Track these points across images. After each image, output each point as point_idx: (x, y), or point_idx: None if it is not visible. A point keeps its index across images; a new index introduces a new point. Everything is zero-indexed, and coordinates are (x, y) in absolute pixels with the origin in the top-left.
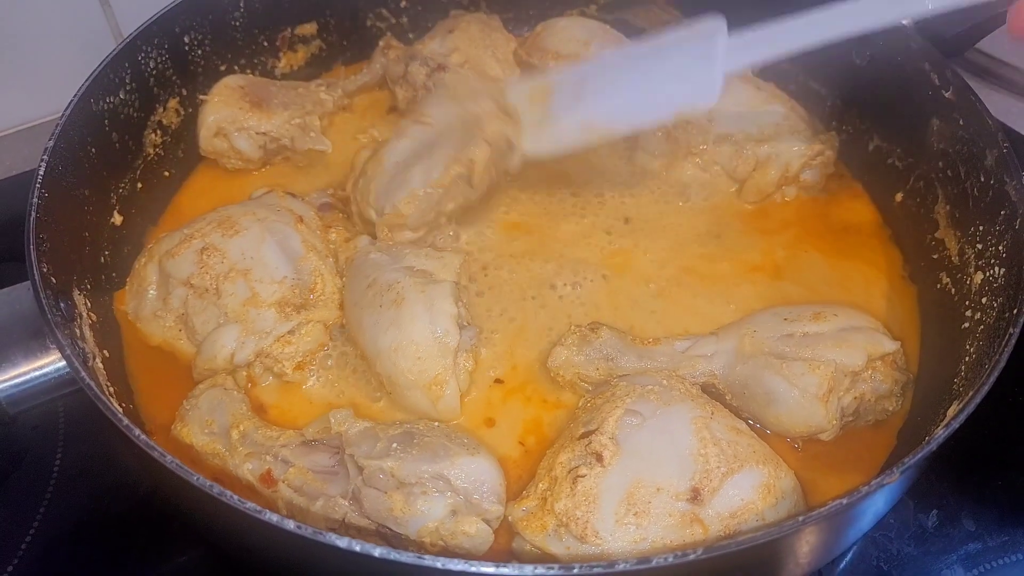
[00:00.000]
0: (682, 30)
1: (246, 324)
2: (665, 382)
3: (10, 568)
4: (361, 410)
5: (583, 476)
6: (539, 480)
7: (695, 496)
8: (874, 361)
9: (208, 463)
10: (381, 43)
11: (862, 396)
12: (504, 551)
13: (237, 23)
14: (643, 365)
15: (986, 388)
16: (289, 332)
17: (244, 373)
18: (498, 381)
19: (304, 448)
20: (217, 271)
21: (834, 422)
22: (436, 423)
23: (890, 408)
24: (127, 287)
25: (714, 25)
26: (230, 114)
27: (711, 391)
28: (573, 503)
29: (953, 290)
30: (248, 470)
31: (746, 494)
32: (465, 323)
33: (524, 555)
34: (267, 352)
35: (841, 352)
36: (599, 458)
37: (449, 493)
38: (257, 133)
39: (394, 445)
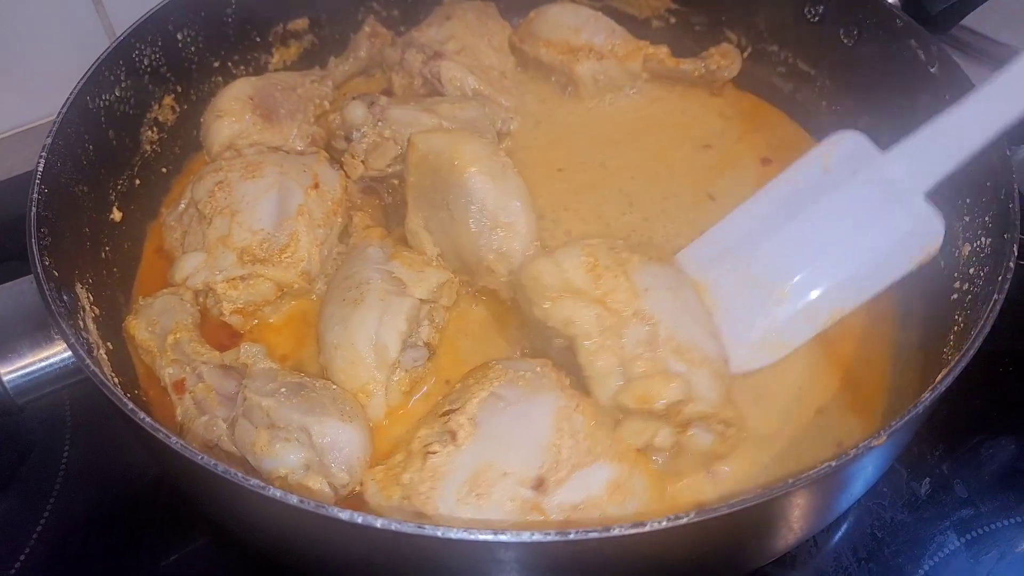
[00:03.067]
0: (816, 162)
1: (211, 257)
2: (539, 369)
3: (22, 557)
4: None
5: (434, 453)
6: (398, 451)
7: (539, 485)
8: None
9: (142, 358)
10: (366, 28)
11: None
12: None
13: (229, 19)
14: None
15: (972, 352)
16: (240, 278)
17: (200, 300)
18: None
19: (219, 370)
20: (219, 204)
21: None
22: (335, 385)
23: None
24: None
25: (853, 144)
26: (241, 129)
27: None
28: (420, 477)
29: (942, 263)
30: (168, 373)
31: (592, 489)
32: (420, 343)
33: None
34: (212, 287)
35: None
36: (453, 437)
37: (307, 447)
38: (268, 148)
39: (282, 389)
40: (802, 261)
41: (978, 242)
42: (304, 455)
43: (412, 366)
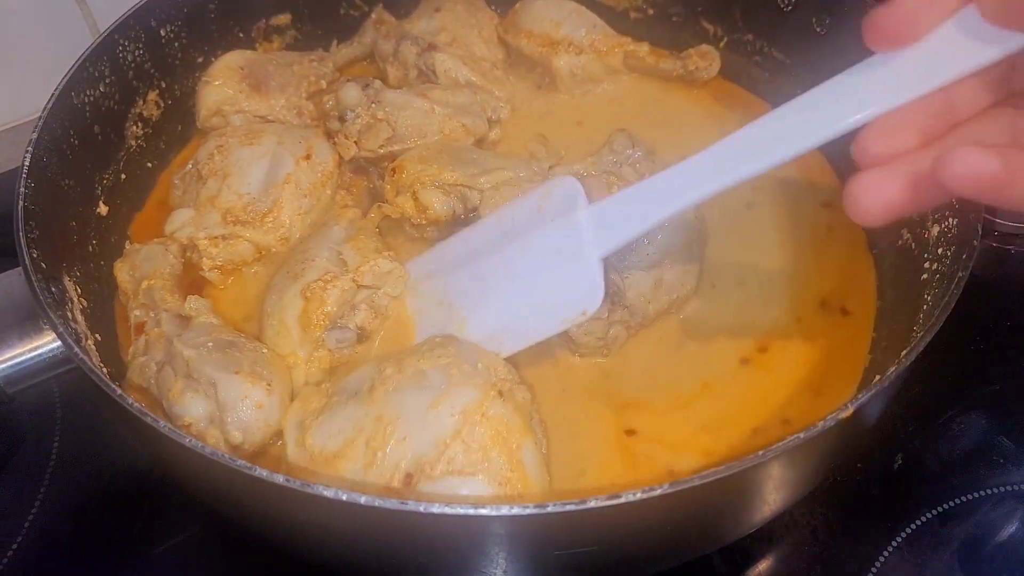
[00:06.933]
0: (534, 200)
1: (199, 214)
2: (480, 366)
3: (14, 546)
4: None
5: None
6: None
7: (407, 479)
8: None
9: (120, 298)
10: (373, 16)
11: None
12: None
13: (212, 15)
14: None
15: (936, 328)
16: (221, 237)
17: (187, 254)
18: None
19: (177, 319)
20: (215, 166)
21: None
22: (266, 348)
23: None
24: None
25: (567, 192)
26: (230, 96)
27: None
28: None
29: (913, 244)
30: (135, 315)
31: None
32: (351, 326)
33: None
34: (195, 243)
35: None
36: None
37: (212, 401)
38: (254, 116)
39: (209, 344)
40: (483, 295)
41: (946, 223)
42: (208, 408)
43: (336, 347)
